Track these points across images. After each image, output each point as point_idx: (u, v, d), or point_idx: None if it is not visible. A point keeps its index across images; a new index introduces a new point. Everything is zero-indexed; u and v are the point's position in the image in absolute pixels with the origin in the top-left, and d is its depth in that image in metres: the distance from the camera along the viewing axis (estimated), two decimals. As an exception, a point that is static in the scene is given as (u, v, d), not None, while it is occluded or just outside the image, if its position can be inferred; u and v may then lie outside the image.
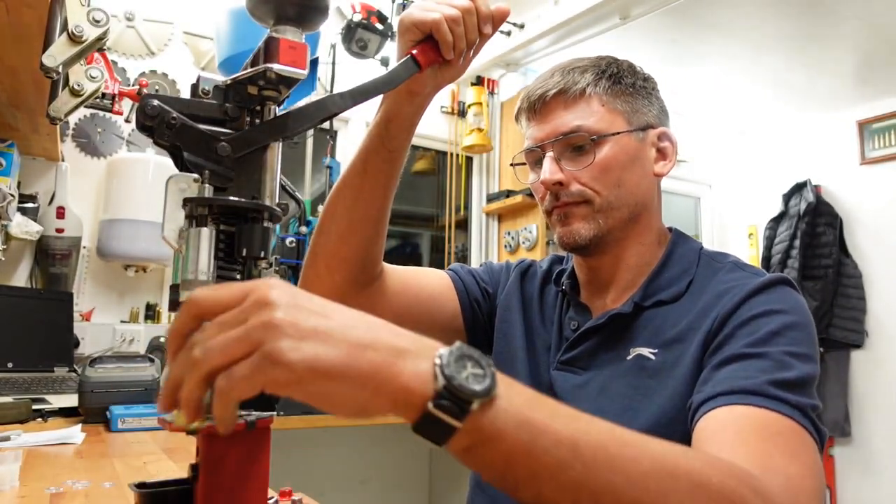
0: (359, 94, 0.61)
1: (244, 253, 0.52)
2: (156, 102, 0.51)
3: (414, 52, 0.69)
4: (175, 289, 0.52)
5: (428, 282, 0.96)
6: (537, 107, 0.85)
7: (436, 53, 0.70)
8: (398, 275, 0.92)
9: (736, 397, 0.63)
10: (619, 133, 0.83)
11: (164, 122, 0.51)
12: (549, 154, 0.83)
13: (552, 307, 0.94)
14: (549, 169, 0.82)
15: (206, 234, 0.51)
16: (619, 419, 0.69)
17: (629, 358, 0.80)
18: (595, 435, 0.46)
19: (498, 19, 0.73)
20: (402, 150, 0.81)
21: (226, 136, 0.53)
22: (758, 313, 0.71)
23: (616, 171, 0.82)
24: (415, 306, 0.93)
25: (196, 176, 0.52)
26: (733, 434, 0.60)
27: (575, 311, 0.90)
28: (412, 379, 0.40)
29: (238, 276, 0.54)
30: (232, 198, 0.52)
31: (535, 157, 0.88)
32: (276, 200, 0.56)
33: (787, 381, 0.64)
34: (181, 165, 0.52)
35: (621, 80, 0.85)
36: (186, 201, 0.51)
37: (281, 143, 0.58)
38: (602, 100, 0.83)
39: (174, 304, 0.51)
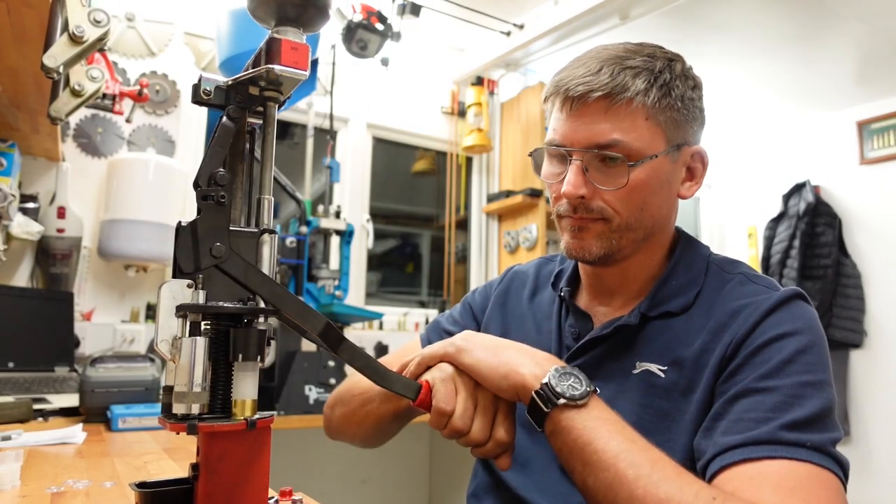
0: (354, 359, 0.61)
1: (239, 358, 0.52)
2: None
3: (423, 387, 0.71)
4: (168, 391, 0.51)
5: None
6: (575, 103, 0.76)
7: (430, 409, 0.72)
8: None
9: (750, 450, 0.63)
10: (655, 156, 0.76)
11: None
12: (577, 162, 0.76)
13: (547, 314, 0.91)
14: (574, 182, 0.76)
15: (201, 345, 0.50)
16: None
17: (636, 372, 0.78)
18: (637, 455, 0.61)
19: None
20: (404, 420, 0.89)
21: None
22: (770, 338, 0.70)
23: (643, 195, 0.77)
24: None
25: (189, 282, 0.51)
26: (751, 493, 0.60)
27: (574, 317, 0.87)
28: (529, 377, 0.67)
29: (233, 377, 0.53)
30: (226, 305, 0.52)
31: (557, 153, 0.81)
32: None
33: (801, 421, 0.63)
34: (177, 271, 0.52)
35: (672, 91, 0.77)
36: (180, 308, 0.51)
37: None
38: (647, 113, 0.75)
39: (167, 409, 0.51)
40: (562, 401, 0.64)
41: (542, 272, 0.98)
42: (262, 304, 0.54)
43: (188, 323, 0.51)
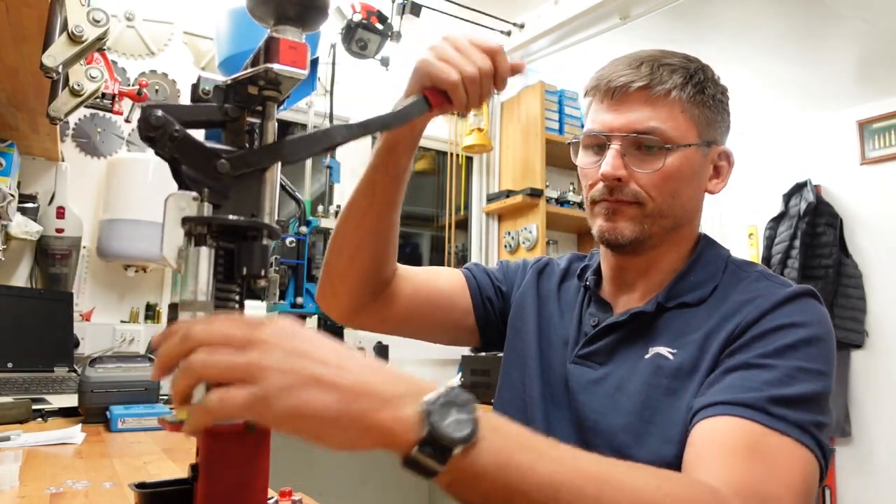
0: (367, 128, 0.60)
1: (244, 272, 0.52)
2: (160, 113, 0.50)
3: (426, 93, 0.69)
4: (174, 308, 0.51)
5: (440, 282, 0.98)
6: (616, 94, 0.81)
7: (446, 99, 0.71)
8: (411, 277, 0.95)
9: (734, 408, 0.64)
10: (690, 145, 0.81)
11: (167, 134, 0.51)
12: (616, 147, 0.80)
13: (572, 302, 0.94)
14: (613, 163, 0.80)
15: (206, 254, 0.50)
16: (633, 416, 0.72)
17: (647, 357, 0.79)
18: (577, 478, 0.49)
19: (514, 73, 0.74)
20: (405, 171, 0.84)
21: (226, 154, 0.53)
22: (778, 325, 0.71)
23: (675, 182, 0.81)
24: (425, 307, 0.96)
25: (195, 194, 0.52)
26: (721, 448, 0.61)
27: (596, 306, 0.90)
28: (397, 425, 0.43)
29: (237, 297, 0.53)
30: (230, 216, 0.52)
31: (596, 142, 0.84)
32: (276, 217, 0.56)
33: (789, 398, 0.64)
34: (180, 180, 0.52)
35: (705, 89, 0.82)
36: (185, 220, 0.51)
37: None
38: (683, 106, 0.80)
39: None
40: (458, 449, 0.44)
41: (572, 265, 1.00)
42: (266, 220, 0.54)
43: (193, 237, 0.51)
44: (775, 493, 0.58)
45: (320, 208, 2.50)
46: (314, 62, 2.33)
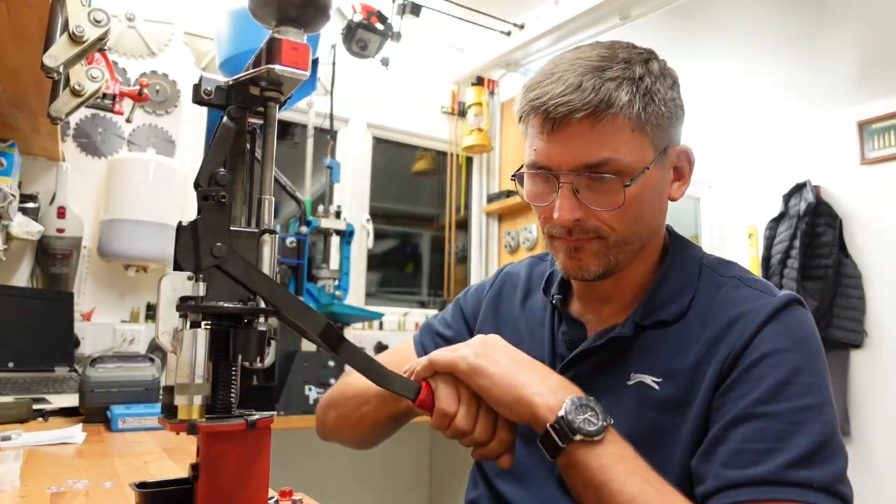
0: (355, 360, 0.62)
1: (239, 360, 0.52)
2: None
3: (423, 387, 0.71)
4: (169, 391, 0.51)
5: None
6: (557, 124, 0.72)
7: (431, 408, 0.71)
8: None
9: (756, 491, 0.62)
10: (647, 168, 0.73)
11: None
12: (566, 185, 0.73)
13: (539, 320, 0.89)
14: (567, 206, 0.73)
15: (202, 337, 0.50)
16: None
17: (630, 384, 0.76)
18: (653, 497, 0.61)
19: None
20: (405, 420, 0.90)
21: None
22: (767, 352, 0.68)
23: (637, 209, 0.74)
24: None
25: (189, 273, 0.52)
26: None
27: (567, 324, 0.85)
28: (543, 409, 0.65)
29: (234, 377, 0.53)
30: (225, 304, 0.52)
31: (543, 174, 0.76)
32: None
33: (805, 456, 0.62)
34: (176, 264, 0.52)
35: (654, 96, 0.73)
36: (181, 302, 0.51)
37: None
38: (633, 125, 0.72)
39: (167, 409, 0.51)
40: (578, 437, 0.63)
41: (533, 273, 0.96)
42: (262, 305, 0.54)
43: (189, 320, 0.51)
44: None
45: (320, 208, 2.50)
46: (315, 62, 2.33)
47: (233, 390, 0.53)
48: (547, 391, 0.66)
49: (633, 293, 0.82)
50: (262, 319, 0.54)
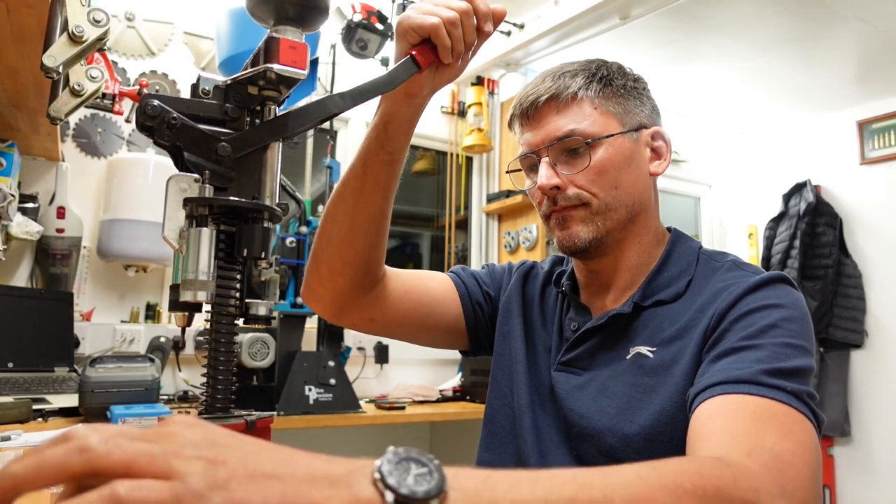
0: (359, 95, 0.61)
1: (245, 253, 0.52)
2: (156, 103, 0.51)
3: (413, 52, 0.69)
4: (175, 288, 0.52)
5: (430, 285, 0.96)
6: (530, 113, 0.86)
7: (435, 55, 0.70)
8: (401, 278, 0.93)
9: (730, 387, 0.64)
10: (613, 135, 0.83)
11: (165, 122, 0.51)
12: (545, 159, 0.84)
13: (553, 308, 0.95)
14: (546, 174, 0.83)
15: (207, 234, 0.51)
16: (618, 417, 0.73)
17: (628, 357, 0.80)
18: (561, 492, 0.41)
19: (497, 18, 0.73)
20: (401, 152, 0.81)
21: (226, 136, 0.53)
22: (755, 308, 0.72)
23: (612, 173, 0.83)
24: (417, 310, 0.94)
25: (196, 176, 0.52)
26: (724, 420, 0.61)
27: (575, 311, 0.90)
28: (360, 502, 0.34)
29: (238, 276, 0.54)
30: (232, 198, 0.52)
31: (530, 163, 0.89)
32: (277, 200, 0.57)
33: (782, 370, 0.65)
34: (181, 165, 0.52)
35: (612, 82, 0.85)
36: (187, 201, 0.52)
37: (281, 144, 0.58)
38: (594, 103, 0.84)
39: (174, 305, 0.52)
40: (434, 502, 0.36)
41: (554, 269, 1.01)
42: (267, 203, 0.54)
43: (195, 219, 0.52)
44: (786, 447, 0.57)
45: (320, 208, 2.50)
46: (314, 62, 2.33)
47: (235, 290, 0.54)
48: (338, 476, 0.35)
49: (632, 279, 0.87)
50: (266, 217, 0.54)
